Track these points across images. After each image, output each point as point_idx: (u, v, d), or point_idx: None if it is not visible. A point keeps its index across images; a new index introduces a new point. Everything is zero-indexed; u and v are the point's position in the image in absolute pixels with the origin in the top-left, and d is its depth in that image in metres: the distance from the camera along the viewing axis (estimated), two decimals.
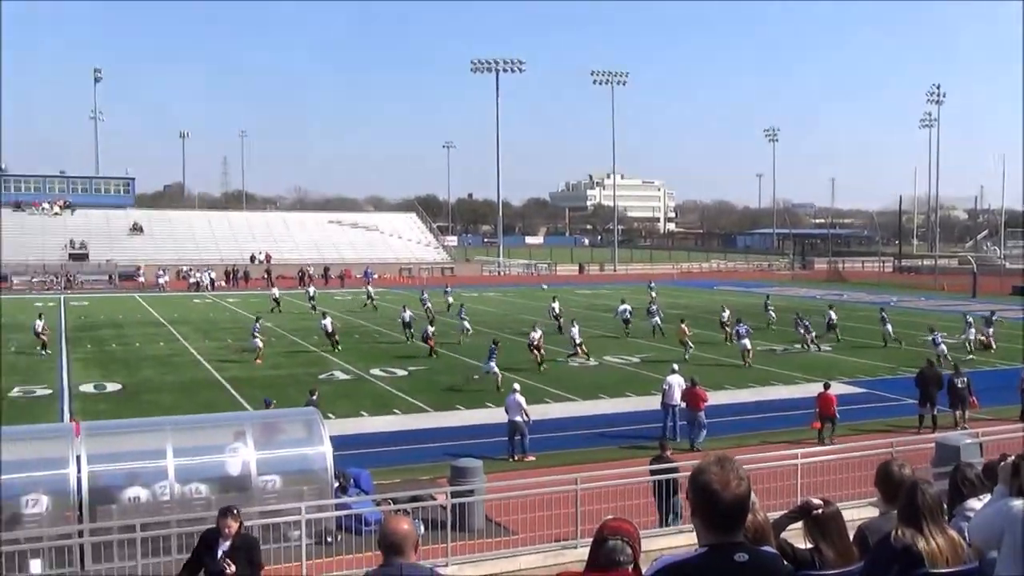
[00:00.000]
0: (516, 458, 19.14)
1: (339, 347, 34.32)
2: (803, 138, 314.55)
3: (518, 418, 19.27)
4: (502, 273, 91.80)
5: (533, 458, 19.16)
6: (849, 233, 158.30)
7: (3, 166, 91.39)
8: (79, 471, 12.87)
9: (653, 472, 13.80)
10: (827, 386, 21.19)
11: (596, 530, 4.37)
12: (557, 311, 41.26)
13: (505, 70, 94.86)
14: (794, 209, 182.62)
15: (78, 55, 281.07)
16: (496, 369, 26.69)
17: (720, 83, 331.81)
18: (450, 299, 50.50)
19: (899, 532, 4.16)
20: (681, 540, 12.10)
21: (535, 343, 30.48)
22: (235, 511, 8.62)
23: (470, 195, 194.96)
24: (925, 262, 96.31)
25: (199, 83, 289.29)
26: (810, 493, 10.99)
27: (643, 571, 3.88)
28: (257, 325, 33.78)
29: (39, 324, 33.84)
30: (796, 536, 4.74)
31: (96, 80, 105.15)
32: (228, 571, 8.23)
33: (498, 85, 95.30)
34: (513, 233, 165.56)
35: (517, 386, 20.38)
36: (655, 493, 13.44)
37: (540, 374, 28.96)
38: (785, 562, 3.96)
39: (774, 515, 4.74)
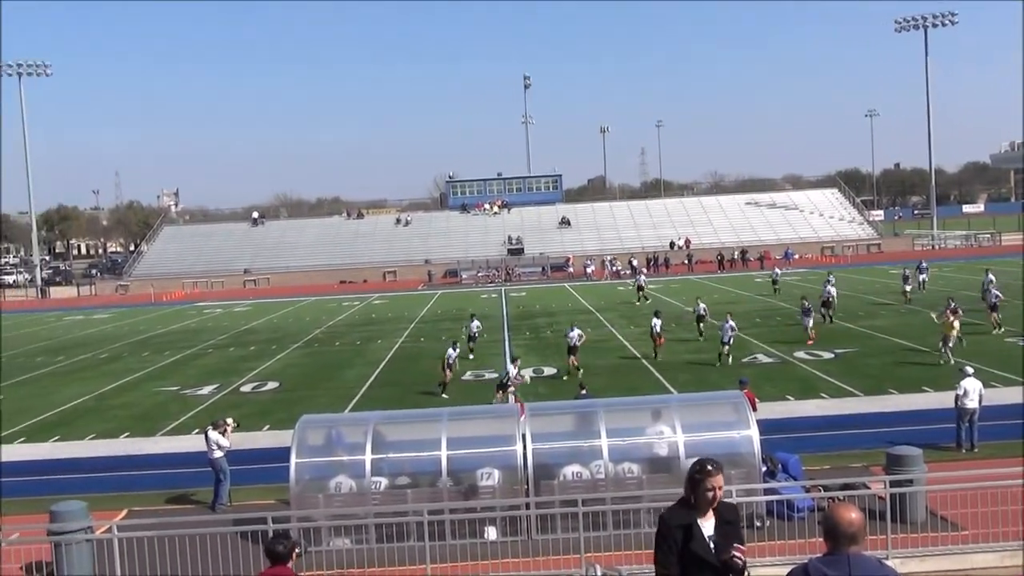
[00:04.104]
0: (965, 448, 17.53)
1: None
2: None
3: (972, 403, 17.58)
4: (936, 247, 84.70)
5: (976, 449, 17.47)
6: None
7: (452, 174, 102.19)
8: (525, 448, 14.04)
9: None
10: None
11: None
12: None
13: (934, 25, 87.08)
14: None
15: (506, 65, 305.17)
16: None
17: None
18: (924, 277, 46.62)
19: None
20: None
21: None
22: (718, 465, 5.78)
23: (897, 165, 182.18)
24: None
25: (615, 79, 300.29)
26: None
27: None
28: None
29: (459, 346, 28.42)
30: None
31: (526, 87, 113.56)
32: (740, 560, 5.55)
33: (927, 42, 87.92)
34: (948, 202, 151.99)
35: (970, 369, 18.58)
36: None
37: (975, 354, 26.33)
38: None
39: None
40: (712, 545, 5.62)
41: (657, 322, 30.13)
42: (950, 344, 26.03)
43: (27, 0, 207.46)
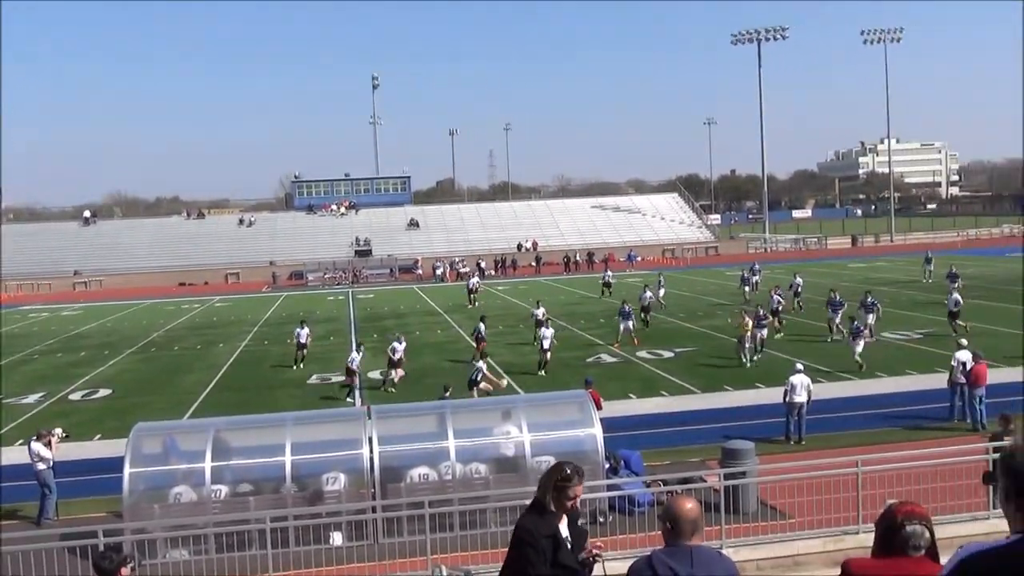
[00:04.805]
0: (793, 440, 18.50)
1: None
2: None
3: (800, 398, 18.55)
4: (769, 250, 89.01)
5: (803, 442, 18.47)
6: None
7: (297, 174, 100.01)
8: (371, 452, 13.89)
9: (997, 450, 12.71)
10: None
11: (883, 515, 4.19)
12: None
13: (767, 39, 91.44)
14: None
15: (354, 65, 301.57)
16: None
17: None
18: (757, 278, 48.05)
19: None
20: (977, 528, 11.32)
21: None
22: (582, 472, 5.84)
23: (733, 171, 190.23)
24: None
25: (464, 81, 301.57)
26: None
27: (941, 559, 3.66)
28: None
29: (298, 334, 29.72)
30: None
31: (374, 87, 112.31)
32: (598, 558, 5.77)
33: (760, 55, 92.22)
34: (779, 208, 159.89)
35: (800, 365, 19.67)
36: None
37: (815, 354, 27.85)
38: None
39: None
40: (571, 547, 5.64)
41: (481, 326, 30.96)
42: (746, 345, 27.47)
43: None
